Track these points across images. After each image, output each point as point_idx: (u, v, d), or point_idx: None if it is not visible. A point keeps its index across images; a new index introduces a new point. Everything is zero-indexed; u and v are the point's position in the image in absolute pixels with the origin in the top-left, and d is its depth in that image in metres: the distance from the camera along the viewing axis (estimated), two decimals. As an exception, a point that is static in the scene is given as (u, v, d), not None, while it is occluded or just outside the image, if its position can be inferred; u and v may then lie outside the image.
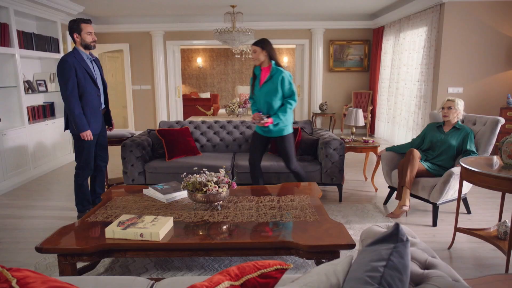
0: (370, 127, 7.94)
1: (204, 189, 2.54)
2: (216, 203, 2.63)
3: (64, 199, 4.21)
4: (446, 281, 1.21)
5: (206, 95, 12.49)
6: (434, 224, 3.35)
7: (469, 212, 3.64)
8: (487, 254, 2.84)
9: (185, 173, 2.78)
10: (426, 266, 1.33)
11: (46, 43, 5.31)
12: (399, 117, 6.68)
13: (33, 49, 5.01)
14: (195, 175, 2.64)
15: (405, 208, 3.41)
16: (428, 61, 5.56)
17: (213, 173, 2.66)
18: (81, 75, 3.25)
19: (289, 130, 3.53)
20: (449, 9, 5.22)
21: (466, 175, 2.69)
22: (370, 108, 7.72)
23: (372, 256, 1.20)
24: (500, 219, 2.93)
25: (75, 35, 3.28)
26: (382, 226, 1.73)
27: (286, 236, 2.21)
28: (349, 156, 6.03)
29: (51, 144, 5.40)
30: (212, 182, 2.57)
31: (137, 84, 8.13)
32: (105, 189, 3.92)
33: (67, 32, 5.93)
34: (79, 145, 3.41)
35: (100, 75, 3.51)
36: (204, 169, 2.73)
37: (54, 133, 5.48)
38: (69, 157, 5.90)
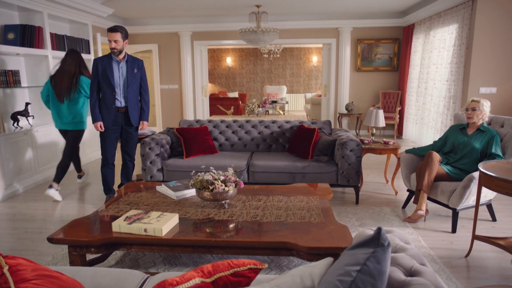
0: (398, 128, 7.69)
1: (211, 188, 2.58)
2: (223, 202, 2.66)
3: (90, 193, 4.42)
4: (426, 289, 1.16)
5: (235, 94, 12.61)
6: (454, 230, 3.20)
7: (494, 219, 3.44)
8: (508, 265, 2.68)
9: (193, 171, 2.83)
10: (411, 273, 1.29)
11: (77, 45, 5.59)
12: (427, 118, 6.42)
13: (64, 50, 5.28)
14: (202, 173, 2.68)
15: (420, 212, 3.28)
16: (458, 60, 5.30)
17: (220, 172, 2.69)
18: (100, 74, 3.74)
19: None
20: (481, 4, 4.94)
21: (485, 180, 2.55)
22: (399, 108, 7.47)
23: (349, 260, 1.18)
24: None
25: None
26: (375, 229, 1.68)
27: (287, 236, 2.19)
28: (372, 157, 5.89)
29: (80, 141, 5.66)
30: (219, 180, 2.61)
31: (165, 84, 8.36)
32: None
33: (98, 34, 6.22)
34: (100, 138, 3.93)
35: (128, 76, 3.80)
36: (211, 168, 2.77)
37: (84, 130, 5.74)
38: (97, 153, 6.17)
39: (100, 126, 3.78)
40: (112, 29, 3.63)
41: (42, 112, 5.03)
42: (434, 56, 6.18)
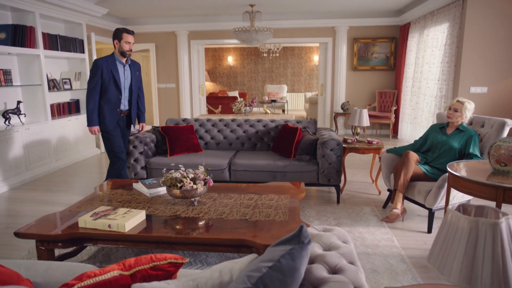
0: (394, 128, 7.64)
1: (179, 185, 2.62)
2: (193, 199, 2.70)
3: (79, 190, 4.49)
4: (341, 287, 1.17)
5: (235, 93, 12.65)
6: (429, 230, 3.19)
7: (472, 220, 3.41)
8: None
9: (165, 169, 2.87)
10: (334, 270, 1.30)
11: (71, 44, 5.68)
12: (420, 118, 6.38)
13: (57, 50, 5.38)
14: (172, 171, 2.72)
15: (395, 211, 3.28)
16: (449, 59, 5.26)
17: (191, 170, 2.73)
18: (105, 77, 3.58)
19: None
20: (472, 3, 4.89)
21: (452, 180, 2.55)
22: (394, 108, 7.42)
23: (265, 257, 1.20)
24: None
25: (115, 42, 3.59)
26: (318, 228, 1.70)
27: (247, 234, 2.22)
28: (362, 157, 5.88)
29: (73, 139, 5.77)
30: (187, 178, 2.64)
31: (162, 83, 8.43)
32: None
33: (92, 34, 6.31)
34: (104, 139, 3.77)
35: (132, 79, 3.75)
36: (180, 166, 2.81)
37: (77, 128, 5.85)
38: (92, 151, 6.28)
39: (97, 130, 3.69)
40: (131, 32, 3.60)
41: (34, 111, 5.13)
42: (428, 55, 6.13)
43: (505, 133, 3.19)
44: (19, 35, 4.68)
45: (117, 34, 3.58)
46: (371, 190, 4.37)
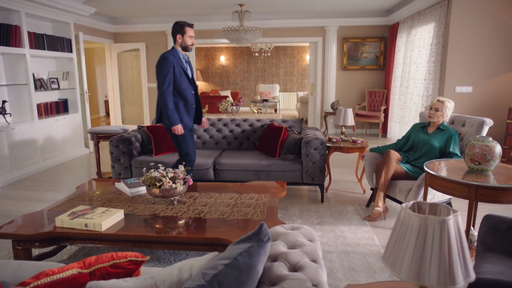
0: (383, 127, 7.68)
1: (158, 184, 2.63)
2: (173, 198, 2.71)
3: (66, 189, 4.48)
4: (298, 284, 1.19)
5: (227, 93, 12.64)
6: (410, 229, 3.22)
7: (453, 218, 3.45)
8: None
9: (145, 168, 2.88)
10: (295, 268, 1.32)
11: (58, 43, 5.65)
12: (407, 117, 6.42)
13: (44, 49, 5.35)
14: (152, 170, 2.73)
15: (377, 209, 3.30)
16: (435, 59, 5.30)
17: (170, 169, 2.74)
18: (177, 72, 3.38)
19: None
20: (457, 3, 4.93)
21: (429, 179, 2.58)
22: (383, 107, 7.46)
23: (224, 254, 1.22)
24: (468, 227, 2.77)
25: (178, 36, 3.40)
26: (287, 227, 1.71)
27: (223, 233, 2.24)
28: (350, 156, 5.90)
29: (61, 138, 5.74)
30: (167, 177, 2.65)
31: (152, 82, 8.41)
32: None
33: (80, 33, 6.28)
34: (175, 139, 3.55)
35: (192, 74, 3.61)
36: (159, 165, 2.82)
37: (65, 128, 5.82)
38: (80, 150, 6.25)
39: (182, 129, 3.47)
40: (192, 25, 3.45)
41: (20, 110, 5.10)
42: (415, 55, 6.18)
43: (484, 132, 3.22)
44: (4, 34, 4.65)
45: (179, 29, 3.38)
46: (356, 189, 4.40)
